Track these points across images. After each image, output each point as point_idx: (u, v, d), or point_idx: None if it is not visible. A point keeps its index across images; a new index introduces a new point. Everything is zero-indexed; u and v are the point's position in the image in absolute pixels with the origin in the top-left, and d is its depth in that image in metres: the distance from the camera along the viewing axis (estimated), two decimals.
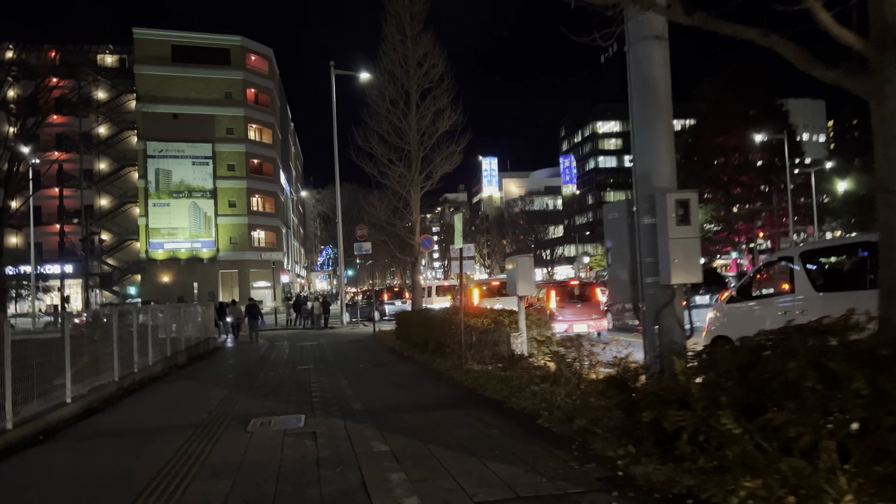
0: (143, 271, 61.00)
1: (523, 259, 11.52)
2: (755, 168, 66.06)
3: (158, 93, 60.17)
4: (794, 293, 8.37)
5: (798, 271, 8.37)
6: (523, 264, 11.44)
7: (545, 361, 10.86)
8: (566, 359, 9.13)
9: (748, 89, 63.06)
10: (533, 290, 11.55)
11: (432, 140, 22.11)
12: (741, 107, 62.26)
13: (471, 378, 10.78)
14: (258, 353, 19.71)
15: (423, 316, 15.25)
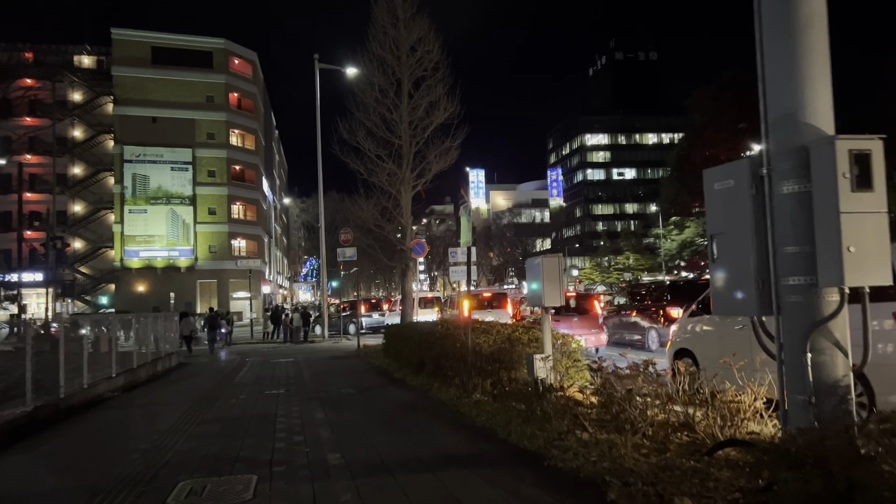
0: (117, 280, 57.75)
1: (550, 260, 8.91)
2: None
3: (137, 95, 57.35)
4: None
5: None
6: (550, 267, 8.85)
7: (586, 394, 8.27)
8: (620, 390, 6.55)
9: (741, 100, 61.17)
10: (561, 298, 8.96)
11: (426, 134, 19.58)
12: (734, 118, 60.43)
13: (484, 414, 8.15)
14: (225, 372, 16.92)
15: (418, 331, 12.57)
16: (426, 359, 11.68)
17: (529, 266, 9.35)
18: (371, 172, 19.86)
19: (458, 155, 19.93)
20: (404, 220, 19.82)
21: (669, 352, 10.01)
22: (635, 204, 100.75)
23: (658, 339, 18.81)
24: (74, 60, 61.71)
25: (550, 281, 8.82)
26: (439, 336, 10.95)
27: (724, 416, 5.80)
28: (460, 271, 14.79)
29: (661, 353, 18.02)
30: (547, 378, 8.90)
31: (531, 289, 9.33)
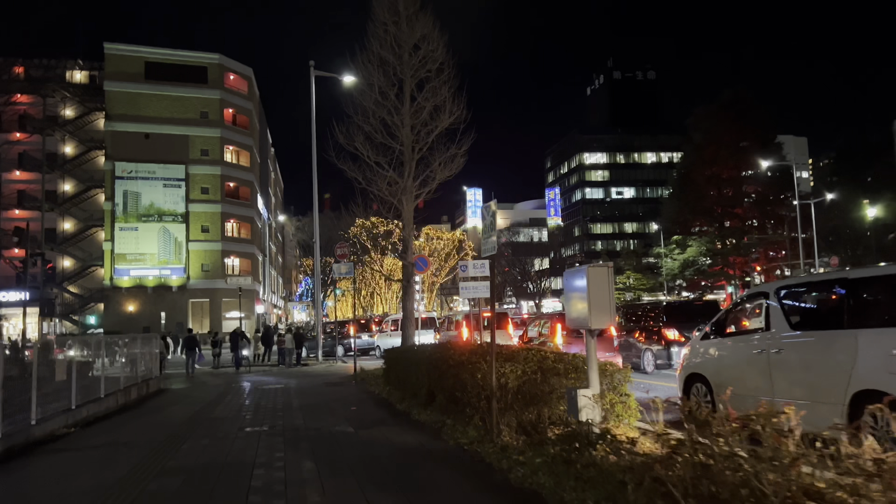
0: (106, 300, 55.61)
1: (597, 271, 7.06)
2: (750, 200, 62.81)
3: (130, 111, 55.69)
4: (770, 330, 7.75)
5: (773, 307, 7.78)
6: (598, 279, 7.00)
7: (645, 440, 6.38)
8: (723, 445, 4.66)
9: (742, 119, 59.85)
10: (612, 317, 7.11)
11: (430, 139, 17.79)
12: (735, 137, 59.06)
13: (519, 467, 6.24)
14: (205, 401, 14.95)
15: (426, 356, 10.65)
16: (437, 390, 9.78)
17: (570, 278, 7.50)
18: (370, 181, 18.05)
19: (465, 162, 18.17)
20: (406, 231, 17.99)
21: (680, 376, 9.34)
22: (634, 223, 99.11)
23: (654, 361, 17.38)
24: (66, 75, 60.06)
25: (598, 296, 6.98)
26: (454, 364, 9.05)
27: None
28: (475, 287, 12.89)
29: (658, 374, 16.29)
30: (590, 416, 7.05)
31: (572, 307, 7.49)
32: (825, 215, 59.82)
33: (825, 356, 6.75)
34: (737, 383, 7.80)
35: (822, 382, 6.67)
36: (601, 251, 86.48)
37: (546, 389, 7.87)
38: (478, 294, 13.44)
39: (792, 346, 7.15)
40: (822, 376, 6.65)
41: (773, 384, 7.38)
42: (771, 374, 7.45)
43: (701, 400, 8.91)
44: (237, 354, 25.62)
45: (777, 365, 7.36)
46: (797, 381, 7.06)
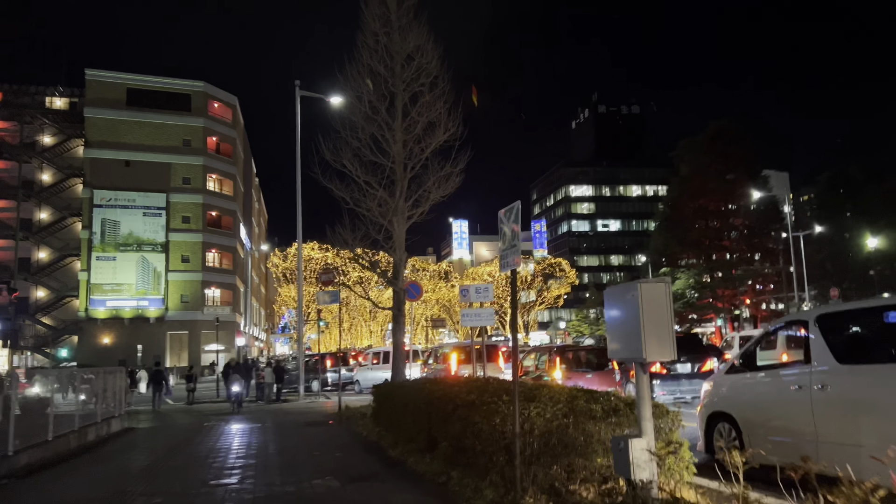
0: (80, 331, 53.20)
1: (652, 288, 5.52)
2: (738, 232, 62.06)
3: (110, 138, 54.06)
4: (811, 364, 6.72)
5: (815, 338, 6.76)
6: (653, 299, 5.47)
7: None
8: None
9: (727, 151, 59.34)
10: (672, 347, 5.55)
11: (423, 156, 16.36)
12: (721, 169, 58.43)
13: None
14: (171, 444, 13.13)
15: (425, 394, 8.98)
16: (440, 435, 8.13)
17: (613, 299, 5.95)
18: (358, 201, 16.50)
19: (461, 181, 16.73)
20: (397, 256, 16.41)
21: (702, 415, 8.43)
22: (621, 255, 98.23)
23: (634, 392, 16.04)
24: (46, 102, 58.43)
25: (655, 320, 5.44)
26: (462, 404, 7.43)
27: None
28: (477, 315, 11.37)
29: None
30: (644, 476, 5.47)
31: (615, 334, 5.94)
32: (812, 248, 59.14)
33: (883, 393, 5.76)
34: (771, 424, 7.13)
35: (880, 424, 5.68)
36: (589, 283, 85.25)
37: (580, 437, 6.29)
38: (480, 322, 11.90)
39: (840, 382, 6.30)
40: (881, 417, 5.73)
41: (816, 426, 6.37)
42: (814, 414, 6.42)
43: (727, 442, 7.83)
44: (229, 390, 21.54)
45: (821, 403, 6.38)
46: (847, 423, 6.08)
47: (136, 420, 19.68)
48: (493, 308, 13.47)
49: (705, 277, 61.56)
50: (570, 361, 20.39)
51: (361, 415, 15.26)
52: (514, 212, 6.32)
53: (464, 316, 11.54)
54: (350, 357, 30.51)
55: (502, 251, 6.67)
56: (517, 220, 6.32)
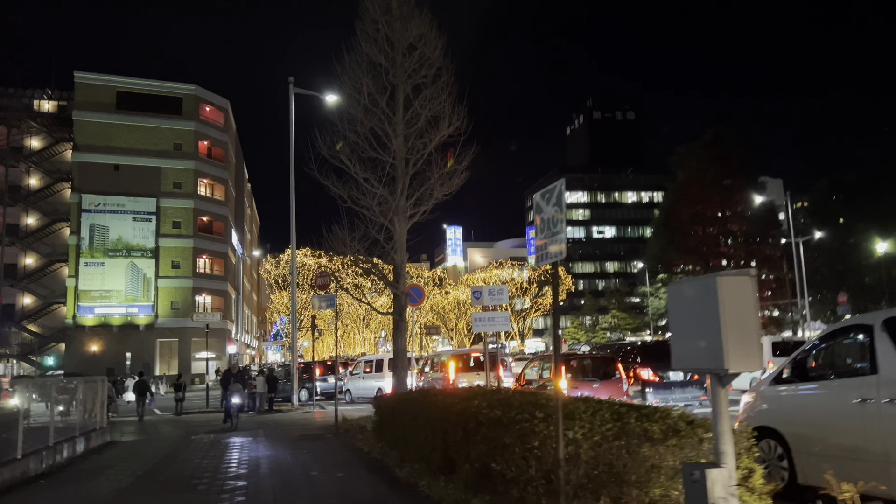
0: (68, 339, 51.69)
1: (735, 282, 4.44)
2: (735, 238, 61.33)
3: (99, 142, 52.76)
4: (878, 373, 5.86)
5: (882, 345, 5.89)
6: (737, 296, 4.41)
7: None
8: None
9: (724, 158, 58.68)
10: (759, 355, 4.49)
11: (426, 151, 15.29)
12: (718, 175, 57.72)
13: None
14: (151, 462, 11.94)
15: (439, 407, 7.87)
16: (459, 456, 7.03)
17: (683, 294, 4.89)
18: (357, 199, 15.41)
19: (467, 179, 15.67)
20: (398, 257, 15.30)
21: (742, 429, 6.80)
22: (616, 262, 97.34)
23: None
24: (34, 105, 57.11)
25: (738, 322, 4.37)
26: (488, 421, 6.34)
27: None
28: (491, 319, 10.29)
29: None
30: None
31: (685, 337, 4.88)
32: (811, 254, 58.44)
33: None
34: (828, 442, 6.29)
35: None
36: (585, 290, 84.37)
37: (635, 464, 5.21)
38: (494, 327, 10.82)
39: None
40: None
41: (886, 444, 5.60)
42: (882, 431, 5.64)
43: (773, 461, 6.95)
44: (228, 402, 18.49)
45: (892, 419, 5.61)
46: None
47: (120, 432, 18.50)
48: (507, 312, 12.42)
49: None
50: (575, 370, 19.36)
51: (360, 428, 14.13)
52: (556, 193, 5.26)
53: (476, 321, 10.46)
54: (340, 366, 29.25)
55: (541, 239, 5.59)
56: (560, 204, 5.26)
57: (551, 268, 5.56)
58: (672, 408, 6.34)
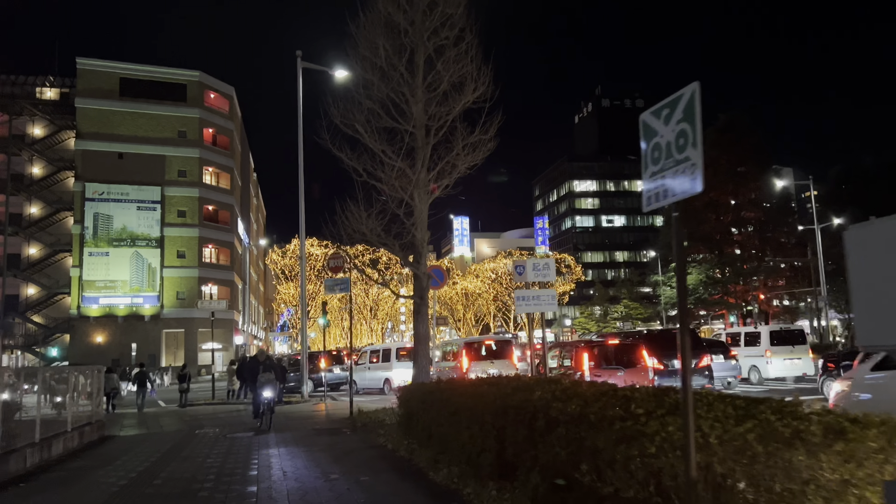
0: (72, 330, 50.49)
1: None
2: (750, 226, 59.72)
3: (102, 129, 51.36)
4: None
5: None
6: None
7: None
8: None
9: (738, 144, 56.99)
10: None
11: (449, 118, 13.83)
12: (732, 162, 56.04)
13: None
14: (148, 461, 10.55)
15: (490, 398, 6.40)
16: (523, 460, 5.57)
17: (870, 241, 3.45)
18: (372, 173, 13.99)
19: (494, 148, 14.20)
20: (419, 234, 13.85)
21: None
22: (626, 251, 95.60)
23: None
24: (37, 92, 55.69)
25: None
26: (567, 418, 4.87)
27: None
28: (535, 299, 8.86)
29: None
30: None
31: (875, 304, 3.43)
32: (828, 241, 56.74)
33: None
34: None
35: None
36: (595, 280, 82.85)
37: (788, 478, 3.77)
38: (539, 307, 9.41)
39: None
40: None
41: None
42: None
43: None
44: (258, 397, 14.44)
45: None
46: None
47: (120, 425, 17.17)
48: (554, 290, 10.98)
49: (717, 272, 59.13)
50: (597, 357, 18.03)
51: (379, 422, 12.73)
52: (685, 102, 3.79)
53: (519, 300, 9.06)
54: (345, 356, 27.85)
55: (654, 172, 4.12)
56: (692, 117, 3.80)
57: (673, 210, 4.07)
58: (802, 400, 4.90)
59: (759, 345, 21.03)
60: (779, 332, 21.41)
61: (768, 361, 20.49)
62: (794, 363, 20.42)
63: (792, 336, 21.24)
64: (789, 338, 21.09)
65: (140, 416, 20.54)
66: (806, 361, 20.51)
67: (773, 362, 20.43)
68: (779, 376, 20.49)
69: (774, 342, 20.72)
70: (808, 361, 20.47)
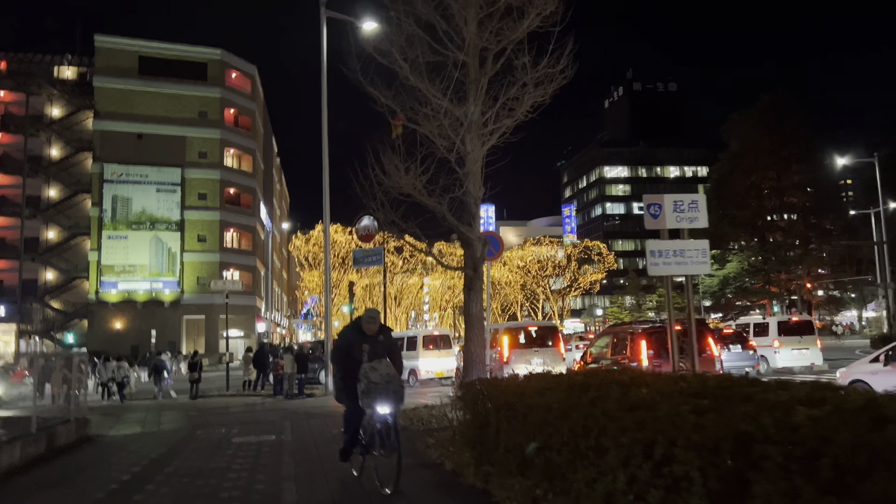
0: (91, 315, 48.39)
1: None
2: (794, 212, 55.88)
3: (121, 109, 49.00)
4: None
5: None
6: None
7: None
8: None
9: (782, 125, 52.99)
10: None
11: (514, 37, 10.74)
12: (775, 144, 52.17)
13: None
14: (132, 471, 7.71)
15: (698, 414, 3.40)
16: None
17: None
18: (412, 117, 10.98)
19: (566, 82, 11.08)
20: (473, 189, 10.81)
21: None
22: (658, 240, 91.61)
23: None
24: (55, 71, 53.47)
25: None
26: None
27: None
28: (679, 254, 5.90)
29: None
30: None
31: None
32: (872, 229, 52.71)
33: None
34: None
35: None
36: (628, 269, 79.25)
37: None
38: (685, 268, 6.38)
39: None
40: None
41: None
42: None
43: None
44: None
45: None
46: None
47: (114, 420, 14.48)
48: (706, 242, 7.96)
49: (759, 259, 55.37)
50: (657, 345, 15.09)
51: (423, 425, 9.83)
52: None
53: (653, 256, 6.09)
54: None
55: None
56: None
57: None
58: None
59: (768, 335, 21.19)
60: (787, 322, 21.55)
61: (776, 352, 20.42)
62: (802, 353, 20.24)
63: (800, 327, 21.21)
64: (797, 329, 21.05)
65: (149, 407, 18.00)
66: (814, 352, 20.34)
67: (781, 353, 20.35)
68: (787, 366, 20.07)
69: (782, 333, 20.88)
70: (815, 352, 20.34)
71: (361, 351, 6.53)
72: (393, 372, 6.44)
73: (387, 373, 6.34)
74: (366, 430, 6.60)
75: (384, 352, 6.69)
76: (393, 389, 6.28)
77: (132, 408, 18.34)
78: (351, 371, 6.49)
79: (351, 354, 6.60)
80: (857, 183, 69.47)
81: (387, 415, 6.29)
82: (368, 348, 6.56)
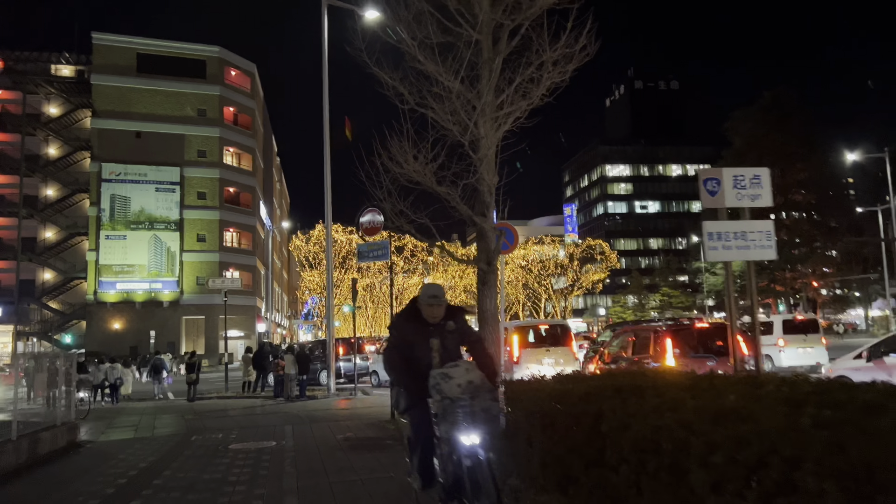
0: (89, 316, 47.55)
1: None
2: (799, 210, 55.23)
3: (119, 107, 48.21)
4: None
5: None
6: None
7: None
8: None
9: (785, 123, 52.42)
10: None
11: (529, 13, 9.95)
12: (778, 142, 51.50)
13: None
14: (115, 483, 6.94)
15: None
16: None
17: None
18: (420, 101, 10.19)
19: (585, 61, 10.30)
20: (487, 176, 10.02)
21: None
22: (660, 238, 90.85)
23: None
24: (52, 69, 52.67)
25: None
26: None
27: None
28: (740, 237, 5.14)
29: None
30: None
31: None
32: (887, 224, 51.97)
33: None
34: None
35: None
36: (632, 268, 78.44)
37: None
38: (747, 253, 5.56)
39: None
40: None
41: None
42: None
43: None
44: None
45: None
46: None
47: (108, 423, 13.71)
48: (770, 222, 7.19)
49: None
50: (683, 345, 14.28)
51: None
52: None
53: (711, 239, 5.28)
54: (364, 344, 24.30)
55: None
56: None
57: None
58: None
59: (773, 334, 20.79)
60: (792, 321, 21.27)
61: (781, 350, 20.09)
62: (807, 352, 19.93)
63: (805, 326, 20.89)
64: (802, 327, 20.81)
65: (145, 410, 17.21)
66: (819, 351, 19.98)
67: (785, 351, 20.03)
68: (792, 365, 19.39)
69: (787, 332, 20.61)
70: (821, 351, 19.97)
71: (428, 349, 4.50)
72: (478, 378, 4.26)
73: (467, 381, 4.18)
74: (445, 469, 4.43)
75: (457, 346, 4.63)
76: (482, 407, 4.18)
77: (127, 410, 17.56)
78: (420, 376, 4.41)
79: (414, 355, 4.53)
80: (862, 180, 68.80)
81: (475, 447, 4.15)
82: (438, 344, 4.50)
